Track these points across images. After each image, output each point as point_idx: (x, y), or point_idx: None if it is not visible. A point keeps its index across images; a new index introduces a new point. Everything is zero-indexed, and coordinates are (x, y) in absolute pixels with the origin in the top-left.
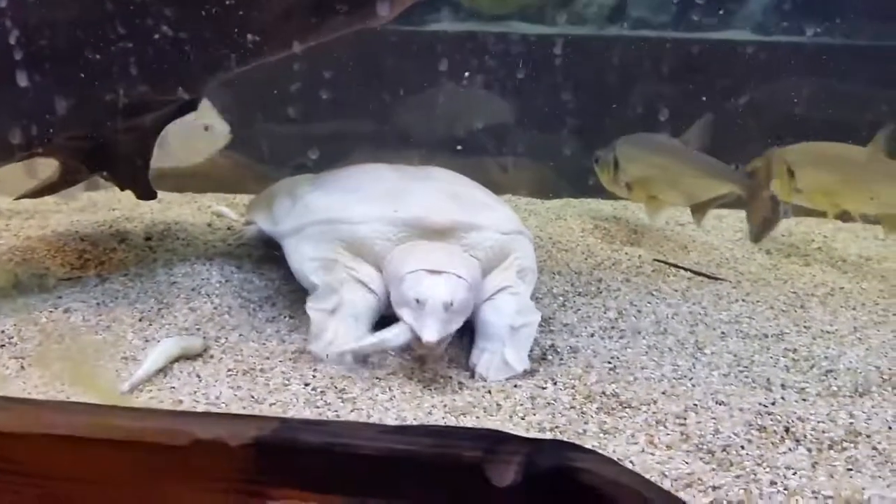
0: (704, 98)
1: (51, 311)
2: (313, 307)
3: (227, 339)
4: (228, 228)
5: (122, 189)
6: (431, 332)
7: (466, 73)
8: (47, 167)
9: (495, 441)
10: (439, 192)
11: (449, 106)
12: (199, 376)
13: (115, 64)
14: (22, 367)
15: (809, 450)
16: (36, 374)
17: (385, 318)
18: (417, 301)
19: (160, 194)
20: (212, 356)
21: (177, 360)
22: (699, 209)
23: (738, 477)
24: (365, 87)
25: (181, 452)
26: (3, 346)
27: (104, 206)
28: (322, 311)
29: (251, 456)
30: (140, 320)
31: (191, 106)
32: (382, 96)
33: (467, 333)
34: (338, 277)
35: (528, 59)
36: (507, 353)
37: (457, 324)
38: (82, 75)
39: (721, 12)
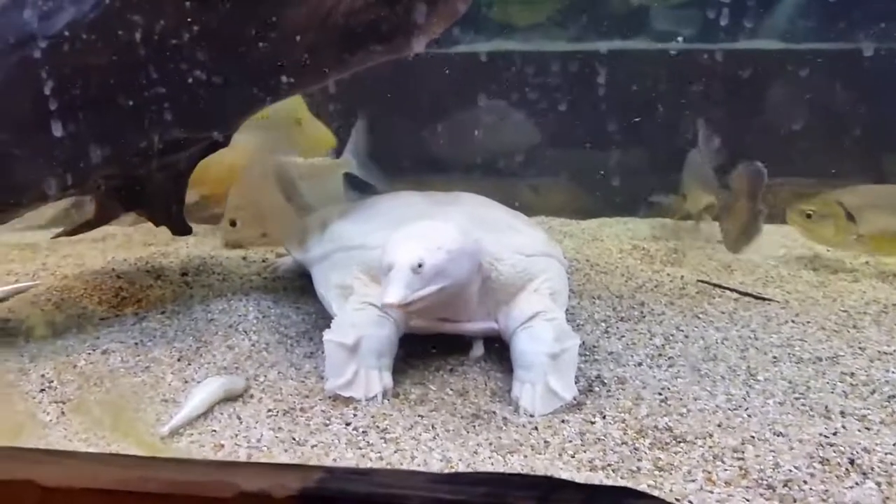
0: (739, 109)
1: (89, 354)
2: (331, 339)
3: (265, 377)
4: (263, 261)
5: (157, 225)
6: (390, 294)
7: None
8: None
9: (549, 488)
10: (464, 216)
11: (479, 128)
12: (239, 418)
13: (149, 107)
14: (62, 413)
15: (878, 483)
16: (76, 420)
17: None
18: (389, 267)
19: (195, 227)
20: (251, 396)
21: (221, 402)
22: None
23: None
24: (394, 111)
25: None
26: (44, 390)
27: (139, 241)
28: (340, 345)
29: None
30: (179, 360)
31: (223, 143)
32: (413, 120)
33: (508, 362)
34: (355, 306)
35: (555, 76)
36: (552, 381)
37: (433, 287)
38: (118, 118)
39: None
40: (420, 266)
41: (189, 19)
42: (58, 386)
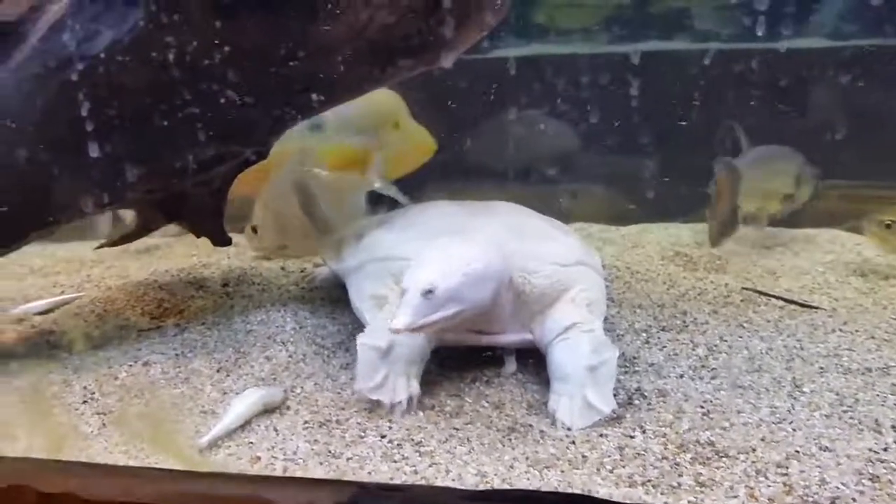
0: (782, 110)
1: (130, 366)
2: (364, 343)
3: (302, 388)
4: (301, 271)
5: (198, 237)
6: (398, 320)
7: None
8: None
9: None
10: (500, 225)
11: (516, 134)
12: (276, 430)
13: (184, 125)
14: (104, 425)
15: None
16: (117, 432)
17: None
18: (403, 291)
19: (237, 238)
20: (288, 407)
21: (259, 413)
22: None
23: None
24: (429, 119)
25: None
26: (86, 402)
27: (181, 252)
28: (372, 348)
29: None
30: (218, 371)
31: (260, 157)
32: (449, 127)
33: (545, 374)
34: (389, 315)
35: (595, 79)
36: (590, 394)
37: (444, 312)
38: (154, 137)
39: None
40: (430, 292)
41: (221, 38)
42: (99, 398)
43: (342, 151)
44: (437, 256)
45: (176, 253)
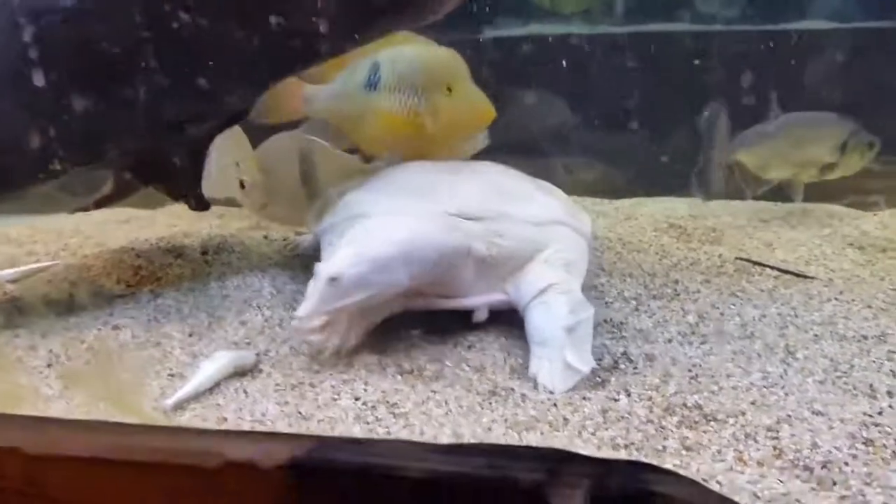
0: (775, 92)
1: (99, 329)
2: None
3: (277, 352)
4: (284, 239)
5: (175, 200)
6: (301, 308)
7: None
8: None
9: (558, 461)
10: (478, 184)
11: (511, 109)
12: (246, 392)
13: (163, 77)
14: (66, 387)
15: None
16: (79, 394)
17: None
18: (314, 276)
19: (220, 209)
20: (261, 370)
21: (230, 376)
22: None
23: (842, 498)
24: None
25: (211, 475)
26: (50, 365)
27: (164, 223)
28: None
29: (285, 478)
30: (190, 335)
31: (239, 117)
32: None
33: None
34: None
35: (591, 57)
36: (569, 356)
37: (353, 298)
38: (131, 89)
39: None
40: (336, 280)
41: None
42: (65, 361)
43: (387, 116)
44: (357, 237)
45: (158, 222)
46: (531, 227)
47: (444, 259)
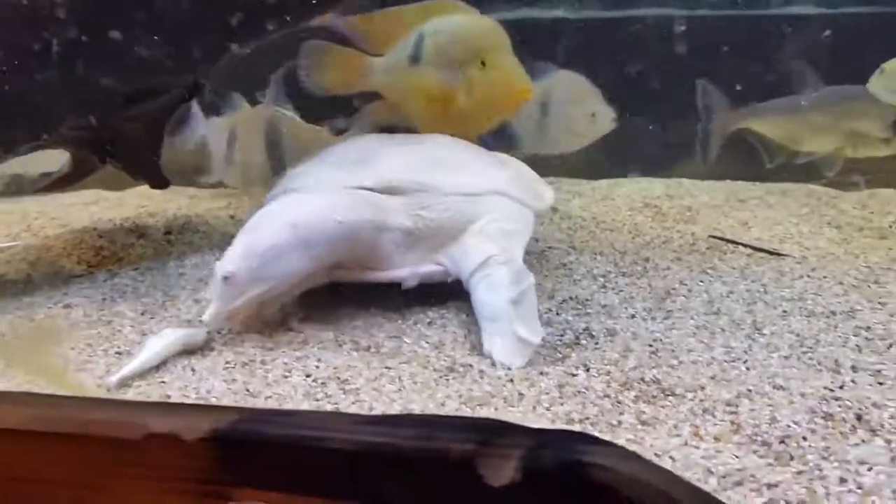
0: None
1: (50, 308)
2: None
3: (229, 330)
4: None
5: (133, 177)
6: (207, 312)
7: None
8: None
9: (491, 432)
10: (415, 155)
11: None
12: (193, 370)
13: (115, 52)
14: (8, 366)
15: (888, 441)
16: (20, 372)
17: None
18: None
19: (192, 190)
20: (212, 348)
21: (178, 353)
22: None
23: (799, 473)
24: None
25: (132, 447)
26: None
27: (132, 204)
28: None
29: (208, 451)
30: (143, 314)
31: (196, 91)
32: None
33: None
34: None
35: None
36: (518, 329)
37: (252, 293)
38: (82, 64)
39: None
40: (228, 278)
41: None
42: (10, 340)
43: (426, 91)
44: (246, 229)
45: (125, 204)
46: (460, 199)
47: (351, 234)
